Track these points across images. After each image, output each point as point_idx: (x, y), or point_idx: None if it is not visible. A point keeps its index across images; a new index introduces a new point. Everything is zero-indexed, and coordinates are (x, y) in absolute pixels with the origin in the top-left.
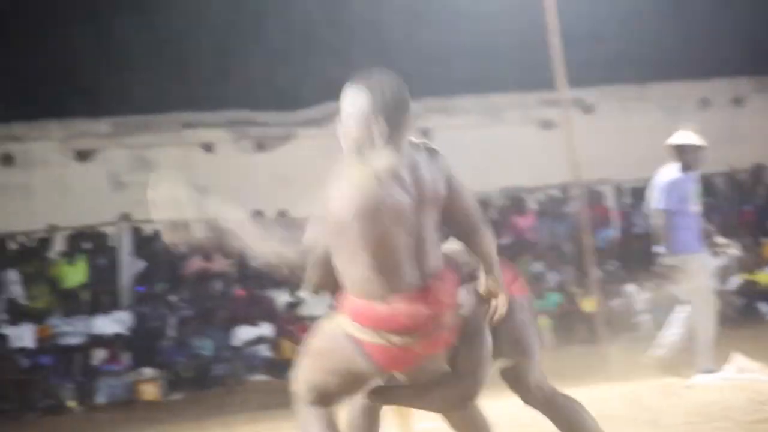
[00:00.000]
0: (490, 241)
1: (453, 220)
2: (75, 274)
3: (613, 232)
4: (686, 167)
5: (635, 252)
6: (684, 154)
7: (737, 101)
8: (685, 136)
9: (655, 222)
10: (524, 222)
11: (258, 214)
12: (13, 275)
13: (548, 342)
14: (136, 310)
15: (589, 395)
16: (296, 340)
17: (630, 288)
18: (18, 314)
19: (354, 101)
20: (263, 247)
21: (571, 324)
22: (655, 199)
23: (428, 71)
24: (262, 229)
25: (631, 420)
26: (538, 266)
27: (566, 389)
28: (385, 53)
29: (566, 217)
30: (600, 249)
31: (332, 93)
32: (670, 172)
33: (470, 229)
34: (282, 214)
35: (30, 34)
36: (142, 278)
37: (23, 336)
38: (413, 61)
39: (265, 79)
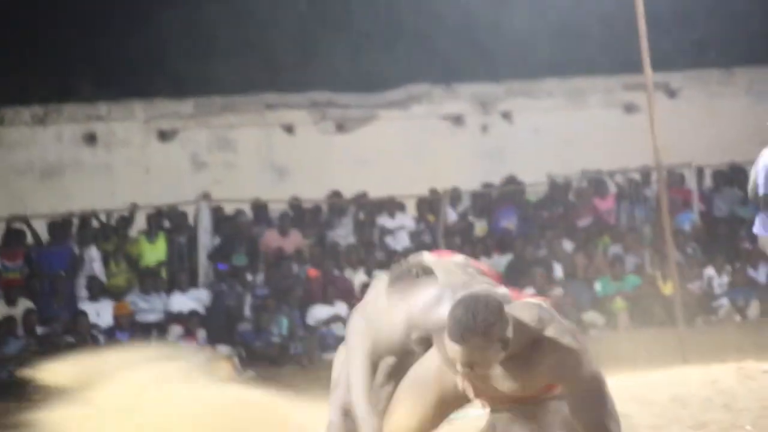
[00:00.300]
0: None
1: None
2: (154, 253)
3: (693, 216)
4: None
5: (716, 236)
6: None
7: None
8: None
9: (763, 207)
10: (604, 204)
11: (336, 195)
12: (93, 253)
13: (625, 324)
14: (214, 288)
15: (664, 378)
16: None
17: (709, 271)
18: (98, 291)
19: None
20: None
21: (648, 307)
22: (761, 185)
23: (511, 53)
24: None
25: (705, 402)
26: (616, 248)
27: (641, 371)
28: (468, 35)
29: (646, 200)
30: (680, 232)
31: (415, 75)
32: None
33: None
34: (361, 196)
35: (115, 15)
36: (216, 254)
37: (102, 313)
38: (496, 43)
39: (348, 61)
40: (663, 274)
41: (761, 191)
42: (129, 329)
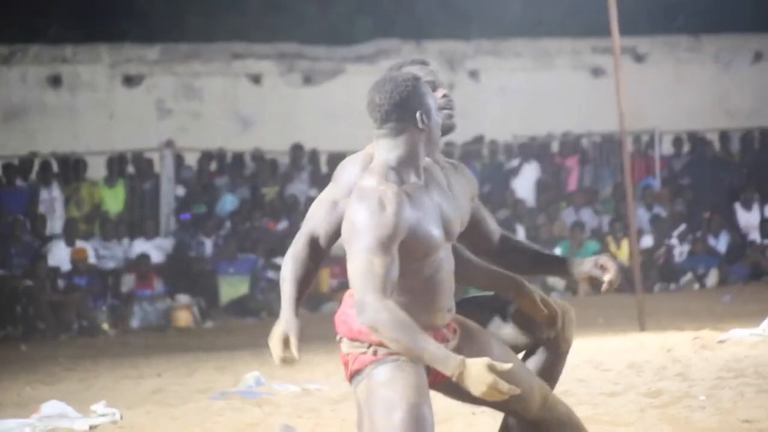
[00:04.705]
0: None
1: None
2: (114, 199)
3: (656, 183)
4: None
5: (678, 202)
6: None
7: None
8: None
9: None
10: (568, 167)
11: (297, 147)
12: (56, 193)
13: (585, 289)
14: (177, 237)
15: (621, 344)
16: (332, 274)
17: (671, 239)
18: (58, 235)
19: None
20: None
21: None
22: None
23: (481, 12)
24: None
25: (660, 370)
26: (578, 213)
27: (598, 337)
28: None
29: (610, 165)
30: (642, 198)
31: (384, 30)
32: None
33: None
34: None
35: None
36: (180, 204)
37: (61, 257)
38: (467, 1)
39: (317, 13)
40: (616, 239)
41: None
42: (86, 275)
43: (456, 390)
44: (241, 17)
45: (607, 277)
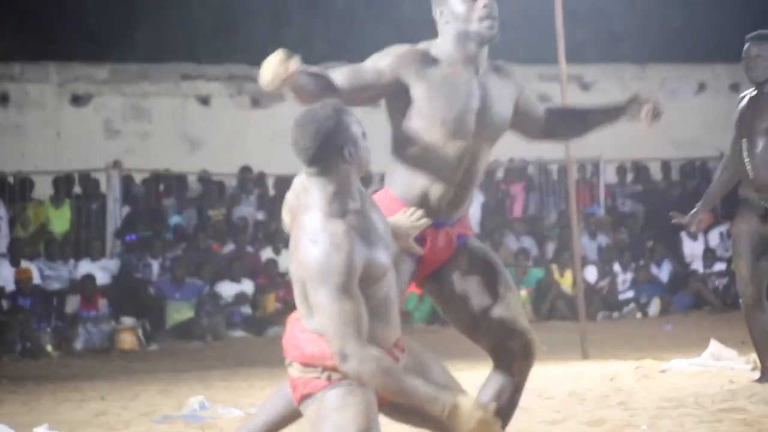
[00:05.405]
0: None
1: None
2: (60, 219)
3: (600, 211)
4: None
5: (621, 230)
6: None
7: (734, 87)
8: None
9: None
10: (513, 193)
11: (246, 170)
12: (0, 213)
13: (528, 317)
14: (122, 257)
15: (563, 372)
16: (277, 298)
17: (614, 267)
18: (2, 254)
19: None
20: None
21: (551, 300)
22: None
23: (429, 39)
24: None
25: (602, 399)
26: (521, 240)
27: (540, 364)
28: (388, 17)
29: (555, 193)
30: (586, 226)
31: (334, 54)
32: None
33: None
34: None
35: None
36: (124, 226)
37: (5, 277)
38: (416, 26)
39: (267, 37)
40: (567, 267)
41: None
42: (30, 295)
43: (401, 412)
44: (192, 39)
45: (646, 107)
